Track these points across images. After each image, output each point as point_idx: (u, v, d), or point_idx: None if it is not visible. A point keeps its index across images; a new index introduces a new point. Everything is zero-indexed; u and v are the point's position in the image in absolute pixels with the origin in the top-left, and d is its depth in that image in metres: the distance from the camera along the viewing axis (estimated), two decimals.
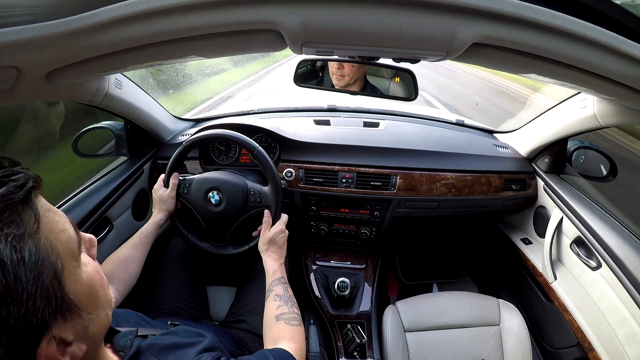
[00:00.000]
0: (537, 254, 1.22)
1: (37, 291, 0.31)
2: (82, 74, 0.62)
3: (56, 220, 0.35)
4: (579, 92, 1.00)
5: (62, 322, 0.34)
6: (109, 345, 0.49)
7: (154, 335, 0.56)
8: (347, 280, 1.21)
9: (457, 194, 1.21)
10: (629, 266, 0.86)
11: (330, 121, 1.39)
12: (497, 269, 1.57)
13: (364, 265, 1.37)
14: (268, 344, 0.72)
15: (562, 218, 1.11)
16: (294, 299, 0.82)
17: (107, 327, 0.42)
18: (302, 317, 0.79)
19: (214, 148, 1.29)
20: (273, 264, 0.89)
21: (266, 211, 0.98)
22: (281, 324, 0.75)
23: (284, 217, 0.99)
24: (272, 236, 0.93)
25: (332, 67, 1.14)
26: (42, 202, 0.35)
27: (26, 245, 0.31)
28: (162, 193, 1.00)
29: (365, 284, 1.30)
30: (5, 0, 0.45)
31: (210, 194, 1.00)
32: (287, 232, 0.97)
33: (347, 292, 1.19)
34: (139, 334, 0.53)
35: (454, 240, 1.75)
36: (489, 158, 1.27)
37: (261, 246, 0.94)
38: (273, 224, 0.96)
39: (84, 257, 0.39)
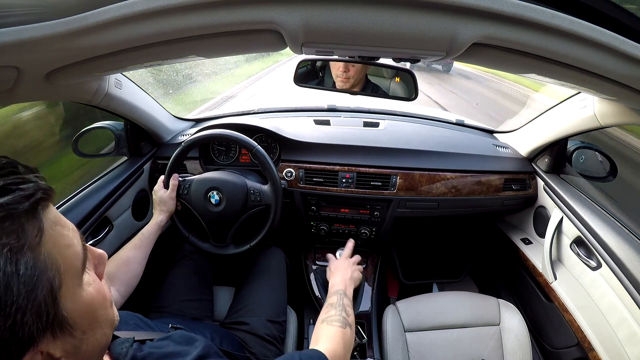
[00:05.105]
0: (537, 254, 1.22)
1: (27, 305, 0.30)
2: (82, 74, 0.62)
3: (63, 234, 0.34)
4: (579, 92, 1.00)
5: (51, 339, 0.33)
6: (106, 351, 0.48)
7: (151, 340, 0.56)
8: None
9: (457, 194, 1.21)
10: (629, 266, 0.85)
11: (330, 121, 1.39)
12: (497, 269, 1.57)
13: (364, 265, 1.37)
14: (310, 347, 0.73)
15: (562, 218, 1.11)
16: (348, 308, 0.82)
17: (104, 347, 0.40)
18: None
19: (214, 148, 1.29)
20: (336, 281, 0.92)
21: (349, 243, 1.06)
22: (324, 325, 0.76)
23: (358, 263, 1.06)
24: (347, 272, 0.97)
25: (337, 69, 1.12)
26: (50, 214, 0.33)
27: (23, 257, 0.30)
28: (162, 194, 0.99)
29: (365, 283, 1.30)
30: (5, 0, 0.45)
31: (210, 194, 1.00)
32: (361, 269, 1.03)
33: None
34: (137, 338, 0.52)
35: (454, 240, 1.74)
36: (489, 158, 1.27)
37: (333, 271, 0.99)
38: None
39: (89, 275, 0.38)
